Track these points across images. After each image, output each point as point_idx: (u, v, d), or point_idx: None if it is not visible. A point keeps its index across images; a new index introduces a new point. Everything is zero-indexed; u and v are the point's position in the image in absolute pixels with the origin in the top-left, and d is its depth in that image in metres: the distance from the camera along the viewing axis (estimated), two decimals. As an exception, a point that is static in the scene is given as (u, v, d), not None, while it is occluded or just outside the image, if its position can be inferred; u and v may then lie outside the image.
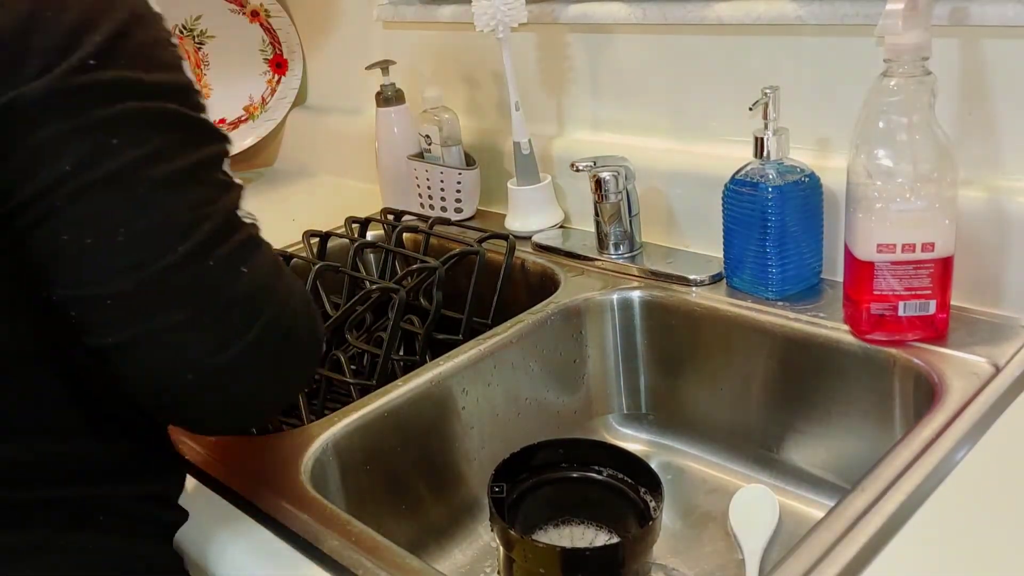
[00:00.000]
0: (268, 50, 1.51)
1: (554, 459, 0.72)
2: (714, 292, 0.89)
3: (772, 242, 0.83)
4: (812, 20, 0.84)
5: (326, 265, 0.99)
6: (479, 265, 0.98)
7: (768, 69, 0.89)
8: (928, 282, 0.72)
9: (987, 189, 0.77)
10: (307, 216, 1.24)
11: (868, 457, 0.76)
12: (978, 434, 0.63)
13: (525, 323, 0.89)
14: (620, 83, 1.04)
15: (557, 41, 1.08)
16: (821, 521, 0.57)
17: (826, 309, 0.82)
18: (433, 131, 1.15)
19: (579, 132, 1.10)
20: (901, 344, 0.75)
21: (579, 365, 0.94)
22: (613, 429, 0.96)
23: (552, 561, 0.63)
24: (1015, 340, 0.74)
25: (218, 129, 0.55)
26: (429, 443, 0.82)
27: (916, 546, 0.54)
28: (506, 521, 0.65)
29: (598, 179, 0.95)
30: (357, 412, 0.76)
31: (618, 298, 0.93)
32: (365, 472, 0.76)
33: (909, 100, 0.70)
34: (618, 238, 0.98)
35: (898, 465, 0.61)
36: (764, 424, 0.86)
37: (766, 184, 0.82)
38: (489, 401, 0.86)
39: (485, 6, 1.00)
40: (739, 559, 0.77)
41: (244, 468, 0.70)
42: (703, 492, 0.88)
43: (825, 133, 0.87)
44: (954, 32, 0.76)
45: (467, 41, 1.19)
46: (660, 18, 0.95)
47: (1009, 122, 0.76)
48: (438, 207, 1.18)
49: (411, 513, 0.81)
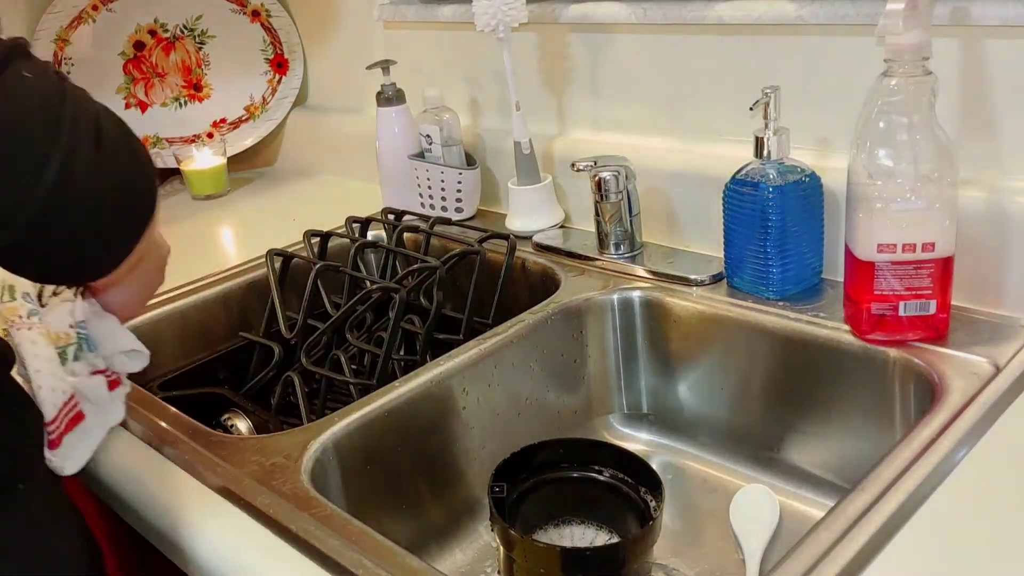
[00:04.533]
0: (269, 50, 1.52)
1: (554, 459, 0.72)
2: (714, 292, 0.89)
3: (772, 242, 0.83)
4: (812, 20, 0.84)
5: (327, 264, 0.99)
6: (480, 265, 0.98)
7: (768, 69, 0.89)
8: (928, 282, 0.72)
9: (987, 189, 0.77)
10: (308, 216, 1.24)
11: (868, 457, 0.76)
12: (978, 434, 0.63)
13: (525, 323, 0.89)
14: (620, 83, 1.04)
15: (558, 41, 1.08)
16: (821, 521, 0.57)
17: (826, 309, 0.82)
18: (434, 131, 1.15)
19: (580, 132, 1.10)
20: (901, 344, 0.75)
21: (579, 365, 0.94)
22: (613, 429, 0.97)
23: (552, 561, 0.63)
24: (1015, 340, 0.74)
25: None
26: (429, 443, 0.82)
27: (916, 546, 0.54)
28: (506, 521, 0.65)
29: (599, 179, 0.95)
30: (357, 412, 0.76)
31: (618, 298, 0.93)
32: (365, 472, 0.76)
33: (909, 100, 0.70)
34: (619, 238, 0.98)
35: (898, 465, 0.61)
36: (764, 424, 0.86)
37: (766, 184, 0.82)
38: (489, 401, 0.86)
39: (486, 6, 1.00)
40: (739, 559, 0.77)
41: (244, 468, 0.70)
42: (703, 492, 0.88)
43: (825, 133, 0.87)
44: (954, 32, 0.76)
45: (468, 41, 1.19)
46: (660, 18, 0.95)
47: (1009, 122, 0.76)
48: (438, 207, 1.18)
49: (411, 513, 0.81)
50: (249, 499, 0.67)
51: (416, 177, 1.20)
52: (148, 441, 0.76)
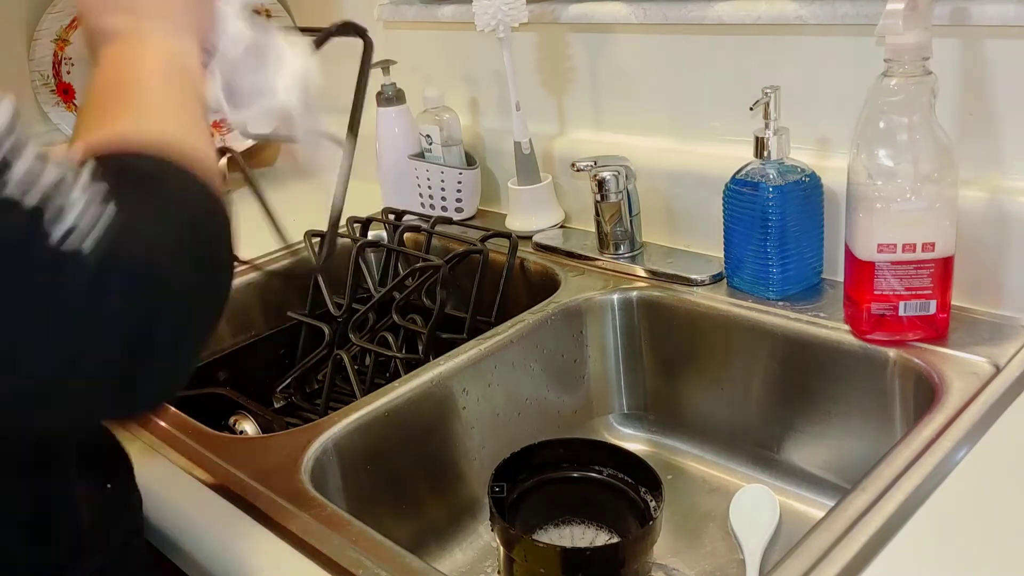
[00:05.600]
0: (269, 50, 1.51)
1: (554, 459, 0.73)
2: (715, 292, 0.89)
3: (772, 242, 0.83)
4: (812, 20, 0.84)
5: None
6: (482, 264, 0.98)
7: (768, 69, 0.89)
8: (928, 282, 0.72)
9: (987, 189, 0.77)
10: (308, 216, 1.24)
11: (868, 457, 0.76)
12: (978, 434, 0.63)
13: (526, 323, 0.89)
14: (620, 83, 1.04)
15: (558, 41, 1.08)
16: (821, 521, 0.57)
17: (826, 309, 0.82)
18: (434, 131, 1.15)
19: (580, 132, 1.10)
20: (901, 344, 0.75)
21: (580, 365, 0.94)
22: (613, 429, 0.97)
23: (552, 561, 0.63)
24: (1015, 340, 0.74)
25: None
26: (429, 443, 0.82)
27: (916, 546, 0.54)
28: (506, 521, 0.65)
29: (599, 179, 0.95)
30: (357, 412, 0.76)
31: (618, 298, 0.93)
32: (365, 472, 0.76)
33: (909, 100, 0.70)
34: (619, 238, 0.98)
35: (898, 465, 0.61)
36: (764, 424, 0.86)
37: (766, 184, 0.82)
38: (490, 401, 0.86)
39: (486, 6, 1.00)
40: (739, 559, 0.77)
41: (244, 468, 0.70)
42: (703, 492, 0.88)
43: (825, 133, 0.87)
44: (954, 32, 0.76)
45: (468, 41, 1.19)
46: (660, 18, 0.95)
47: (1009, 122, 0.76)
48: (439, 207, 1.18)
49: (411, 513, 0.81)
50: (249, 499, 0.67)
51: (416, 177, 1.20)
52: (149, 442, 0.76)
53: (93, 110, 0.51)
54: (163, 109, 0.51)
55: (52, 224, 0.38)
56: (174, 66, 0.54)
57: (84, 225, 0.39)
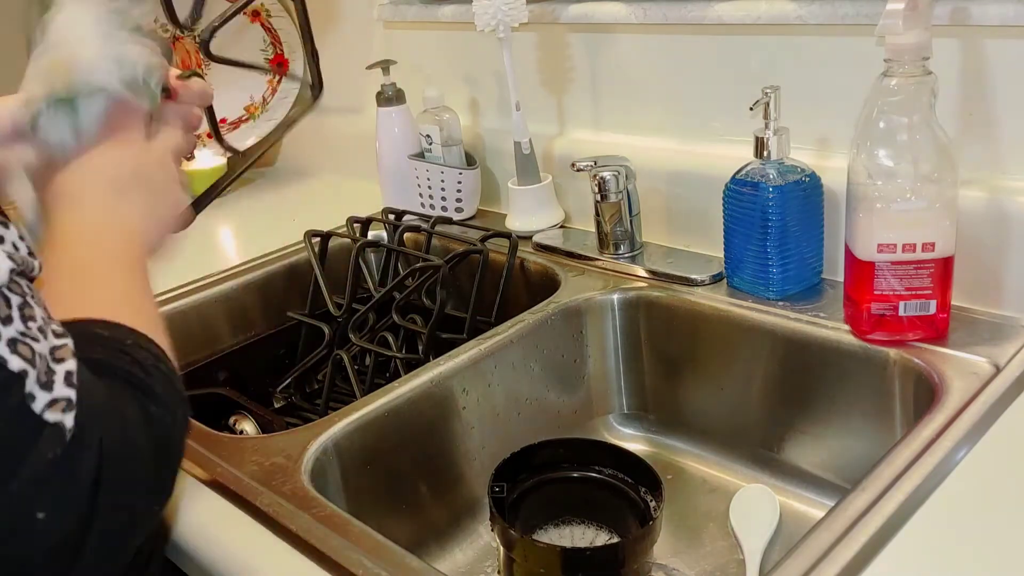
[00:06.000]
0: (269, 50, 1.51)
1: (554, 459, 0.73)
2: (715, 292, 0.89)
3: (772, 242, 0.83)
4: (812, 20, 0.84)
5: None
6: (482, 264, 0.98)
7: (768, 69, 0.89)
8: (928, 282, 0.72)
9: (987, 189, 0.77)
10: (308, 216, 1.24)
11: (868, 457, 0.76)
12: (978, 434, 0.63)
13: (526, 323, 0.89)
14: (620, 83, 1.04)
15: (558, 41, 1.08)
16: (821, 521, 0.57)
17: (826, 309, 0.82)
18: (434, 131, 1.15)
19: (579, 132, 1.10)
20: (901, 344, 0.75)
21: (579, 365, 0.94)
22: (613, 429, 0.97)
23: (552, 561, 0.63)
24: (1015, 340, 0.74)
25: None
26: (429, 443, 0.82)
27: (916, 546, 0.54)
28: (506, 521, 0.65)
29: (599, 179, 0.95)
30: (357, 412, 0.76)
31: (619, 298, 0.93)
32: (365, 472, 0.76)
33: (909, 100, 0.70)
34: (619, 238, 0.98)
35: (898, 465, 0.61)
36: (764, 424, 0.86)
37: (766, 184, 0.82)
38: (489, 401, 0.86)
39: (486, 6, 1.00)
40: (739, 559, 0.77)
41: (244, 468, 0.70)
42: (703, 492, 0.88)
43: (825, 133, 0.87)
44: (954, 32, 0.76)
45: (468, 41, 1.19)
46: (660, 18, 0.95)
47: (1009, 122, 0.76)
48: (439, 207, 1.18)
49: (411, 513, 0.81)
50: (249, 499, 0.67)
51: (416, 177, 1.20)
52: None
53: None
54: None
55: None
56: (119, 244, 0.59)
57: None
